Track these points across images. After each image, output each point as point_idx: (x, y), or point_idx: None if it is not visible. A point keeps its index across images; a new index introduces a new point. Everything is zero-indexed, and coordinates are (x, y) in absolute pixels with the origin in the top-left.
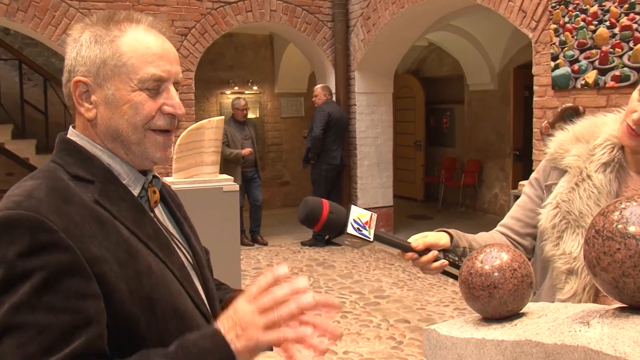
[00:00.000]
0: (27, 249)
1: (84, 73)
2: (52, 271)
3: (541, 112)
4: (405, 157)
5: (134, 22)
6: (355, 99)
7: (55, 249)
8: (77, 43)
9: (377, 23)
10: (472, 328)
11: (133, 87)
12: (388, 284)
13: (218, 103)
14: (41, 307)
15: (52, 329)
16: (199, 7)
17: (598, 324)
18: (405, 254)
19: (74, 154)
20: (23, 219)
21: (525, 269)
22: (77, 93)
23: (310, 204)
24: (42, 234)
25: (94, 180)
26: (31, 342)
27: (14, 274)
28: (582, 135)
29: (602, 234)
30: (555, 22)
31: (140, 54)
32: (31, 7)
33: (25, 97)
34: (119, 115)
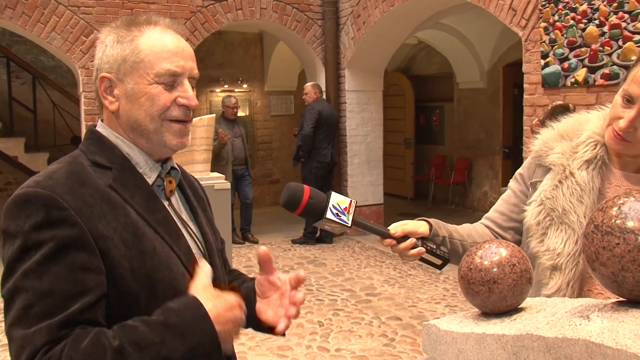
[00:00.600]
0: (41, 222)
1: (108, 70)
2: (60, 243)
3: (531, 110)
4: (395, 155)
5: (152, 23)
6: (345, 97)
7: (65, 224)
8: (103, 44)
9: (368, 21)
10: (472, 323)
11: (150, 81)
12: (379, 281)
13: (208, 101)
14: (47, 274)
15: (53, 295)
16: (189, 5)
17: (598, 317)
18: (384, 240)
19: (97, 143)
20: (40, 196)
21: (524, 264)
22: (102, 88)
23: (292, 189)
24: (55, 211)
25: (111, 167)
26: (34, 305)
27: (28, 243)
28: (566, 133)
29: (601, 229)
30: (545, 20)
31: (156, 51)
32: (19, 5)
33: (13, 95)
34: (138, 106)
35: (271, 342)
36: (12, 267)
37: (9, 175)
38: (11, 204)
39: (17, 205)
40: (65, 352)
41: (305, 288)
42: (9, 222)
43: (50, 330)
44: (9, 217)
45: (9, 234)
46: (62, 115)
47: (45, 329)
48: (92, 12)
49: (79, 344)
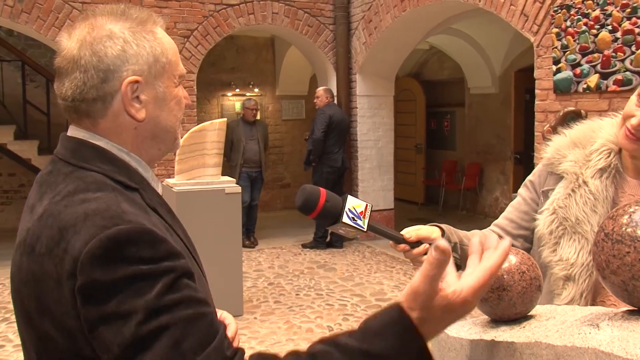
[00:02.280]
0: (151, 258)
1: (137, 72)
2: (179, 275)
3: (543, 116)
4: (406, 160)
5: (155, 20)
6: (356, 101)
7: (172, 256)
8: (118, 39)
9: (379, 26)
10: (481, 330)
11: (175, 83)
12: (389, 286)
13: (219, 105)
14: (179, 303)
15: (197, 322)
16: (201, 10)
17: (608, 326)
18: (397, 245)
19: (105, 161)
20: (139, 231)
21: (534, 271)
22: (130, 94)
23: (308, 192)
24: (160, 245)
25: (137, 188)
26: (184, 339)
27: (141, 283)
28: (579, 140)
29: (611, 237)
30: (557, 26)
31: (174, 51)
32: (35, 9)
33: (27, 98)
34: (168, 111)
35: (280, 347)
36: (126, 314)
37: (23, 177)
38: (103, 250)
39: (114, 248)
40: None
41: (315, 292)
42: (100, 271)
43: (220, 353)
44: (102, 265)
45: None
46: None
47: (213, 353)
48: None
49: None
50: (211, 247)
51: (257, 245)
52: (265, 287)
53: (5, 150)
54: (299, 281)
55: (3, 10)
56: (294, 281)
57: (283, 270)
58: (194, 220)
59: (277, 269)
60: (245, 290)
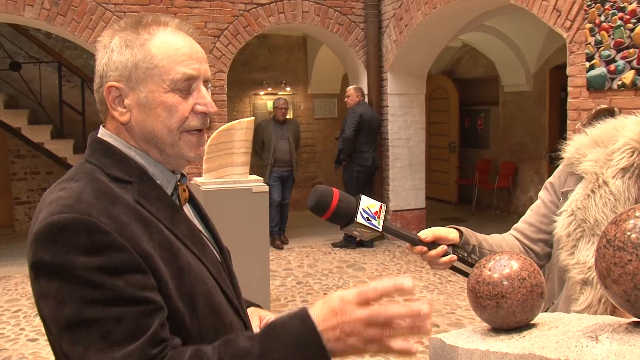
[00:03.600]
0: (85, 249)
1: (117, 78)
2: (112, 269)
3: (575, 114)
4: (439, 158)
5: (161, 24)
6: (387, 100)
7: (111, 249)
8: (107, 49)
9: (410, 24)
10: (479, 338)
11: (165, 89)
12: (418, 287)
13: (251, 104)
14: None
15: (128, 317)
16: (231, 9)
17: (607, 339)
18: (414, 247)
19: (109, 155)
20: (79, 221)
21: (536, 278)
22: (111, 98)
23: (320, 192)
24: (99, 236)
25: (131, 181)
26: (113, 332)
27: (76, 273)
28: (601, 139)
29: (613, 243)
30: (591, 21)
31: (170, 55)
32: (70, 11)
33: (64, 98)
34: (154, 117)
35: None
36: (62, 299)
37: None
38: (43, 233)
39: (52, 234)
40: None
41: None
42: (41, 253)
43: (142, 352)
44: (42, 248)
45: (45, 266)
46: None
47: (136, 351)
48: None
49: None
50: (238, 246)
51: (287, 244)
52: (294, 286)
53: (43, 149)
54: (328, 280)
55: (40, 14)
56: (322, 280)
57: (312, 269)
58: (221, 219)
59: (306, 268)
60: (274, 289)
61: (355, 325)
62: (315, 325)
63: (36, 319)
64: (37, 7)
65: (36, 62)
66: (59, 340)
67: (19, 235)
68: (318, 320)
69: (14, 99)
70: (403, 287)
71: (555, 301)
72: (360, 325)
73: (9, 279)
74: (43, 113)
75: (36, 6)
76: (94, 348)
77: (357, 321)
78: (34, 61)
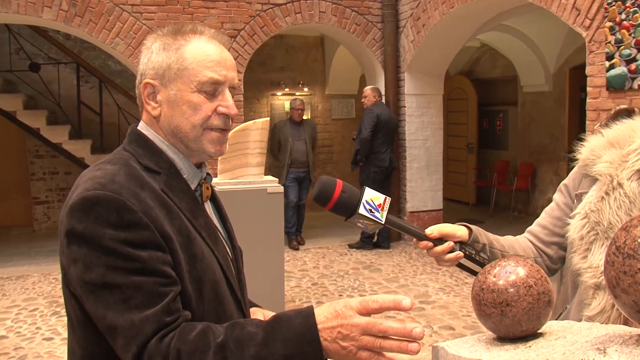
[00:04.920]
0: (114, 224)
1: (152, 76)
2: (137, 244)
3: (595, 115)
4: (457, 159)
5: (197, 33)
6: (405, 100)
7: (137, 226)
8: (148, 51)
9: (427, 24)
10: (483, 348)
11: (192, 89)
12: (434, 289)
13: (269, 104)
14: (134, 269)
15: (146, 286)
16: (248, 9)
17: (616, 352)
18: (419, 242)
19: (144, 147)
20: (110, 199)
21: (543, 285)
22: (146, 93)
23: (324, 182)
24: (126, 214)
25: (160, 172)
26: (132, 297)
27: (103, 243)
28: (616, 140)
29: (622, 251)
30: (611, 19)
31: (200, 59)
32: (87, 12)
33: (82, 99)
34: (180, 113)
35: None
36: (89, 264)
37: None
38: (78, 206)
39: (86, 207)
40: (174, 343)
41: (358, 294)
42: (74, 222)
43: (157, 318)
44: (76, 218)
45: (77, 234)
46: (127, 118)
47: (152, 317)
48: (154, 17)
49: (186, 336)
50: (253, 247)
51: (303, 245)
52: (309, 287)
53: (61, 149)
54: (343, 282)
55: (58, 15)
56: (338, 281)
57: (328, 270)
58: (236, 219)
59: (322, 269)
60: (289, 290)
61: (352, 329)
62: (317, 324)
63: (52, 318)
64: (55, 8)
65: (55, 63)
66: (84, 300)
67: (38, 235)
68: (320, 319)
69: (33, 99)
70: (401, 304)
71: (569, 306)
72: (357, 330)
73: (27, 278)
74: (61, 114)
75: (54, 7)
76: (114, 309)
77: (355, 326)
78: (52, 62)
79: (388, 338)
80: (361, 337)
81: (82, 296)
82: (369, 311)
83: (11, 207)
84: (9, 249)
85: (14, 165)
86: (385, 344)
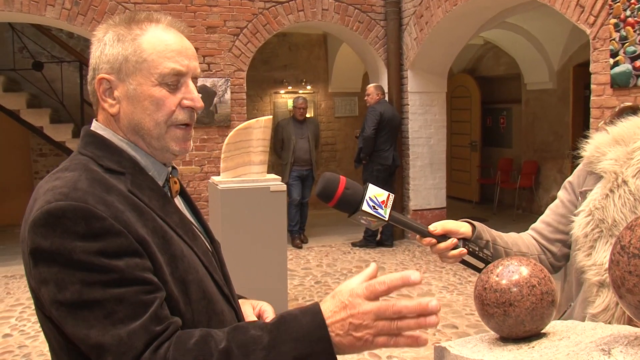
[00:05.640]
0: (83, 235)
1: (107, 70)
2: (110, 253)
3: (599, 112)
4: (460, 157)
5: (153, 21)
6: (408, 98)
7: (109, 234)
8: (100, 43)
9: (430, 21)
10: (485, 348)
11: (153, 82)
12: (438, 287)
13: (272, 102)
14: (112, 281)
15: (128, 297)
16: (250, 7)
17: (621, 353)
18: (423, 238)
19: (102, 148)
20: (76, 208)
21: (546, 285)
22: (101, 90)
23: (328, 178)
24: (95, 221)
25: (124, 172)
26: (115, 312)
27: (75, 257)
28: (622, 138)
29: (627, 250)
30: (616, 16)
31: (159, 50)
32: (90, 11)
33: (85, 97)
34: (141, 110)
35: None
36: (62, 283)
37: None
38: (41, 221)
39: (49, 221)
40: (171, 355)
41: None
42: (39, 240)
43: (146, 329)
44: (40, 235)
45: (44, 252)
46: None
47: (140, 328)
48: None
49: (184, 345)
50: (256, 245)
51: (306, 243)
52: (312, 286)
53: (65, 147)
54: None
55: (61, 13)
56: (341, 280)
57: (331, 268)
58: (238, 218)
59: (325, 267)
60: (292, 289)
61: (364, 318)
62: (325, 321)
63: None
64: (58, 7)
65: (58, 61)
66: (62, 323)
67: None
68: (328, 314)
69: (36, 98)
70: (410, 279)
71: (573, 304)
72: (369, 317)
73: None
74: (65, 112)
75: (57, 6)
76: (98, 327)
77: (366, 314)
78: (56, 61)
79: (404, 317)
80: (375, 323)
81: (59, 319)
82: (377, 294)
83: (15, 205)
84: (12, 247)
85: (17, 164)
86: (402, 324)
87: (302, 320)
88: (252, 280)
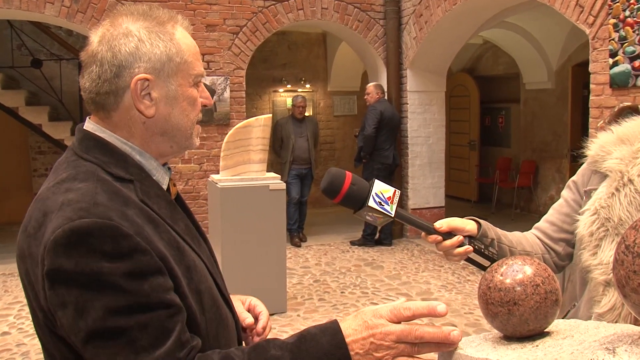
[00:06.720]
0: (110, 255)
1: (148, 70)
2: (138, 274)
3: (598, 112)
4: (459, 157)
5: (178, 21)
6: (407, 97)
7: (136, 252)
8: (132, 37)
9: (430, 20)
10: (490, 347)
11: (190, 83)
12: (436, 286)
13: (271, 101)
14: (136, 306)
15: (152, 323)
16: (250, 6)
17: (625, 352)
18: (428, 236)
19: (106, 153)
20: (102, 226)
21: (550, 284)
22: (139, 90)
23: (334, 174)
24: (123, 240)
25: (132, 179)
26: (138, 339)
27: (101, 279)
28: (627, 137)
29: (632, 250)
30: (615, 16)
31: (193, 51)
32: (89, 9)
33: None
34: (179, 111)
35: None
36: (83, 308)
37: None
38: (65, 239)
39: (74, 240)
40: None
41: (360, 291)
42: (63, 260)
43: (170, 356)
44: (63, 255)
45: (65, 272)
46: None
47: (164, 356)
48: None
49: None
50: (255, 244)
51: (305, 242)
52: (311, 284)
53: (63, 145)
54: (345, 279)
55: (60, 11)
56: (339, 279)
57: (330, 267)
58: (238, 216)
59: (323, 266)
60: (291, 287)
61: (386, 338)
62: (345, 341)
63: None
64: (58, 4)
65: (57, 59)
66: (81, 349)
67: None
68: (348, 332)
69: (35, 96)
70: (436, 310)
71: (577, 303)
72: (391, 339)
73: None
74: (63, 110)
75: (56, 4)
76: (120, 356)
77: (388, 334)
78: (54, 58)
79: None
80: (396, 345)
81: (78, 344)
82: (401, 319)
83: (13, 203)
84: (11, 245)
85: (16, 162)
86: (422, 349)
87: (322, 340)
88: (251, 279)
